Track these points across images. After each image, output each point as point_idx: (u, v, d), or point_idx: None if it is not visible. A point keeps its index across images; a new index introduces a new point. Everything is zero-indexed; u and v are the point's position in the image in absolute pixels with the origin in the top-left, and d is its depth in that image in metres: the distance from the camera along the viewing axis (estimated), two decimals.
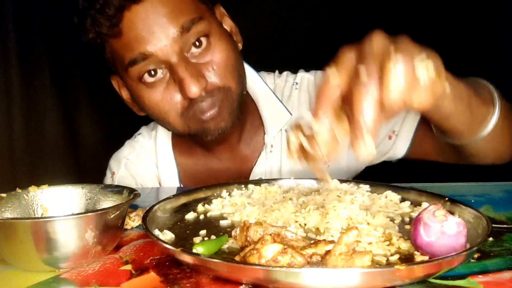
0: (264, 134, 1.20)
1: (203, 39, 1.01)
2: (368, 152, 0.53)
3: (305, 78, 1.25)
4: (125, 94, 1.16)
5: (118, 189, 0.81)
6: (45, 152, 2.00)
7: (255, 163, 1.21)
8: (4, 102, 1.91)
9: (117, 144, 1.36)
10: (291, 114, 1.21)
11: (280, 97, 1.24)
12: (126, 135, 1.35)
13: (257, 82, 1.22)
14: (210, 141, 1.12)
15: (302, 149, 0.60)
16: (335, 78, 0.55)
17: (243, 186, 0.98)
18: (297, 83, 1.25)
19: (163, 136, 1.26)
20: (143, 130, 1.33)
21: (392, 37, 0.57)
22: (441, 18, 1.89)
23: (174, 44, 0.98)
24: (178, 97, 1.01)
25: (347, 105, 0.55)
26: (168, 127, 1.10)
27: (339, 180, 0.98)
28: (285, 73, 1.30)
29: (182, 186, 1.23)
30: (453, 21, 1.86)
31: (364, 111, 0.52)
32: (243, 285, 0.60)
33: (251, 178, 1.20)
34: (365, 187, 0.94)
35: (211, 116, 1.03)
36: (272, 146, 1.20)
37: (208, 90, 1.01)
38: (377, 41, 0.56)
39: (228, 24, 1.13)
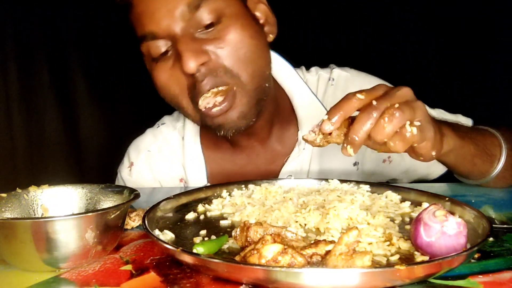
0: (298, 130, 1.15)
1: (214, 18, 0.94)
2: (348, 155, 0.71)
3: (342, 75, 1.20)
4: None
5: (118, 189, 0.81)
6: (45, 152, 2.00)
7: (286, 160, 1.15)
8: (4, 102, 1.91)
9: (118, 144, 1.35)
10: (327, 110, 1.17)
11: (315, 92, 1.19)
12: (128, 135, 1.34)
13: (292, 76, 1.17)
14: (233, 136, 1.04)
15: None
16: (358, 98, 0.71)
17: (243, 186, 0.98)
18: (333, 79, 1.20)
19: (192, 128, 1.20)
20: (167, 120, 1.28)
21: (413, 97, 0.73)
22: (440, 20, 1.89)
23: (180, 21, 0.93)
24: (182, 76, 0.96)
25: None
26: (182, 111, 1.03)
27: (339, 180, 0.98)
28: (313, 68, 1.24)
29: (209, 183, 1.18)
30: (452, 23, 1.86)
31: (356, 130, 0.69)
32: (243, 285, 0.60)
33: (281, 175, 1.15)
34: (365, 187, 0.94)
35: (216, 112, 0.96)
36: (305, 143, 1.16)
37: (211, 67, 0.94)
38: (399, 92, 0.72)
39: (262, 11, 1.06)
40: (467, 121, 1.18)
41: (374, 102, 0.69)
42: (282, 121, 1.16)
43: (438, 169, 1.18)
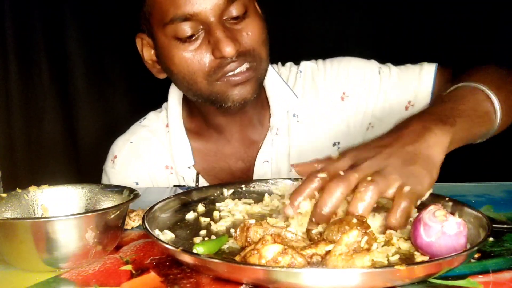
0: (270, 117, 1.22)
1: (242, 11, 1.05)
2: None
3: (308, 66, 1.28)
4: (147, 54, 1.16)
5: (118, 189, 0.81)
6: (45, 152, 2.00)
7: (260, 146, 1.22)
8: (4, 101, 1.91)
9: None
10: (297, 97, 1.23)
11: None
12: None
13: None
14: (224, 113, 1.15)
15: None
16: (320, 178, 0.70)
17: (243, 185, 0.98)
18: (300, 72, 1.27)
19: (175, 115, 1.25)
20: (150, 113, 1.32)
21: (381, 163, 0.70)
22: (440, 19, 1.89)
23: (217, 9, 1.02)
24: (208, 57, 1.04)
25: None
26: (192, 87, 1.10)
27: None
28: (287, 63, 1.32)
29: (195, 164, 1.22)
30: (452, 21, 1.86)
31: (325, 207, 0.67)
32: (243, 285, 0.60)
33: (257, 161, 1.21)
34: None
35: (240, 79, 1.06)
36: (278, 129, 1.21)
37: (240, 52, 1.04)
38: (364, 166, 0.70)
39: (257, 7, 1.16)
40: (431, 67, 1.19)
41: (341, 173, 0.69)
42: (257, 108, 1.23)
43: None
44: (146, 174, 1.25)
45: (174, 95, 1.25)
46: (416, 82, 1.18)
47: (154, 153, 1.26)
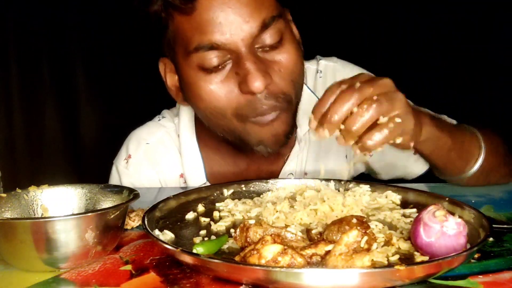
0: (297, 128, 1.12)
1: (277, 39, 0.95)
2: (322, 137, 0.74)
3: (330, 66, 1.19)
4: (170, 80, 1.06)
5: (118, 189, 0.81)
6: (46, 152, 2.01)
7: (286, 159, 1.14)
8: (5, 102, 1.91)
9: (118, 144, 1.35)
10: None
11: None
12: (128, 135, 1.34)
13: None
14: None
15: None
16: (342, 89, 0.73)
17: (243, 185, 0.98)
18: (320, 71, 1.19)
19: (187, 127, 1.16)
20: (166, 114, 1.23)
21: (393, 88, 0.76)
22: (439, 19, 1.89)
23: (249, 38, 0.91)
24: (235, 91, 0.94)
25: None
26: (221, 124, 0.99)
27: (338, 180, 0.97)
28: None
29: (209, 182, 1.14)
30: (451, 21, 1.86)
31: (334, 111, 0.72)
32: (243, 286, 0.60)
33: (281, 174, 1.14)
34: (366, 187, 0.94)
35: (270, 121, 0.96)
36: (303, 140, 1.14)
37: (271, 91, 0.94)
38: (381, 81, 0.75)
39: (295, 31, 1.05)
40: (451, 122, 1.16)
41: (358, 84, 0.72)
42: None
43: (416, 169, 1.19)
44: (158, 182, 1.19)
45: (186, 108, 1.16)
46: None
47: (170, 159, 1.18)
